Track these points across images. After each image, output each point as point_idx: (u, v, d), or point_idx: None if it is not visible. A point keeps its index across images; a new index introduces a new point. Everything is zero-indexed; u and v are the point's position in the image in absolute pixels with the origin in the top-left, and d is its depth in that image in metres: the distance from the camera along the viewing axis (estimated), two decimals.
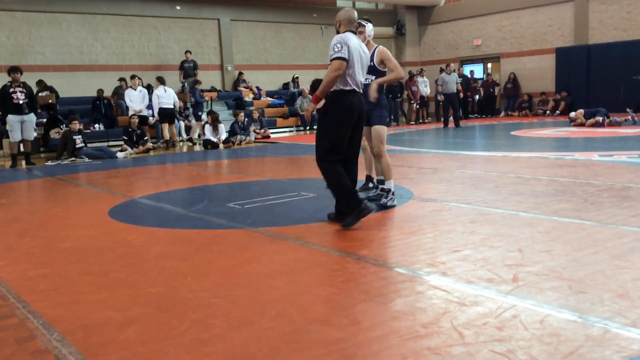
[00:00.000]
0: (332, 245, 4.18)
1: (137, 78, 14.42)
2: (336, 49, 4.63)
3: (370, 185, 6.41)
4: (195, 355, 2.47)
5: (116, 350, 2.55)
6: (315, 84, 6.62)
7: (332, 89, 4.71)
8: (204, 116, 15.21)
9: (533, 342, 2.43)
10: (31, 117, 11.01)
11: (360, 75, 4.81)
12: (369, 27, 5.56)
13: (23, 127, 11.00)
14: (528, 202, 5.35)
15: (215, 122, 13.59)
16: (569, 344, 2.41)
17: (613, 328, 2.54)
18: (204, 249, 4.31)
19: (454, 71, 17.05)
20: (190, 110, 16.22)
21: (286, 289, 3.30)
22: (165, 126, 14.09)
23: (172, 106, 14.08)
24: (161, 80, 14.18)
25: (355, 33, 4.89)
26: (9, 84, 10.80)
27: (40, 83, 14.27)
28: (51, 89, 14.38)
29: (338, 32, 4.85)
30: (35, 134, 12.98)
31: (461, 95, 17.47)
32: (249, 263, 3.85)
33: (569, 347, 2.38)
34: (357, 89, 4.78)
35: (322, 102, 4.85)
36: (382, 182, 5.67)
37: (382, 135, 5.53)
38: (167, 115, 13.97)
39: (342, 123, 4.74)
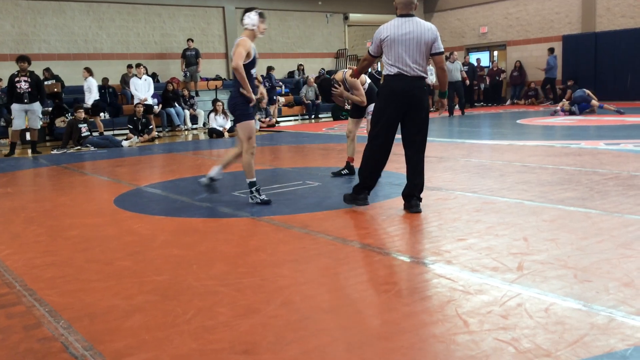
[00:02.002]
0: (337, 234, 4.19)
1: (142, 66, 14.41)
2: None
3: (344, 172, 6.74)
4: (200, 343, 2.48)
5: (122, 338, 2.57)
6: (323, 83, 6.62)
7: (384, 74, 4.85)
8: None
9: (538, 331, 2.43)
10: (34, 107, 10.99)
11: (409, 59, 4.69)
12: (247, 18, 5.28)
13: (28, 116, 11.03)
14: (533, 191, 5.33)
15: (222, 110, 13.59)
16: (574, 332, 2.41)
17: (618, 316, 2.54)
18: (210, 238, 4.32)
19: (457, 60, 17.00)
20: (195, 98, 16.20)
21: (291, 277, 3.31)
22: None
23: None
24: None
25: (411, 16, 4.76)
26: (16, 72, 10.84)
27: (47, 71, 14.28)
28: (57, 78, 14.41)
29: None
30: (41, 123, 13.01)
31: (467, 83, 17.36)
32: (254, 251, 3.86)
33: (574, 336, 2.38)
34: (404, 73, 4.70)
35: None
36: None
37: (247, 131, 5.38)
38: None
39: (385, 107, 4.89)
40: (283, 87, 18.32)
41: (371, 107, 6.16)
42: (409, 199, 4.79)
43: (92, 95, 13.62)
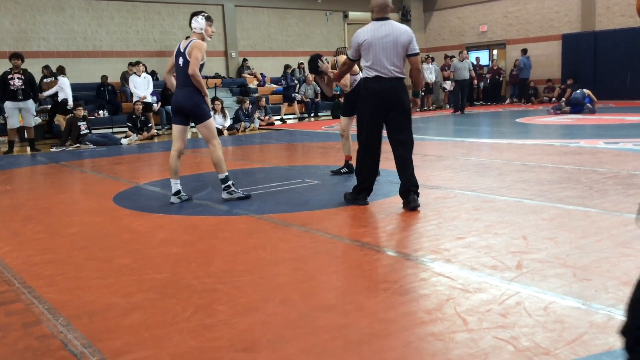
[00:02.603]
0: (336, 232, 4.19)
1: (141, 64, 14.39)
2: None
3: (343, 170, 6.76)
4: (199, 341, 2.48)
5: (121, 335, 2.57)
6: (313, 57, 6.61)
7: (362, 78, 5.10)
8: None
9: (537, 329, 2.43)
10: (28, 104, 10.95)
11: (386, 61, 4.81)
12: (194, 22, 5.37)
13: (22, 114, 10.99)
14: (533, 190, 5.34)
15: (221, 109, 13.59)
16: (573, 330, 2.41)
17: (617, 315, 2.54)
18: (209, 236, 4.32)
19: (467, 59, 16.97)
20: None
21: (290, 275, 3.31)
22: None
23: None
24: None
25: (386, 19, 4.87)
26: (9, 70, 10.79)
27: (46, 69, 14.26)
28: (55, 76, 14.35)
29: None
30: (39, 120, 12.97)
31: (475, 82, 17.29)
32: (253, 249, 3.86)
33: (573, 334, 2.38)
34: (382, 75, 4.82)
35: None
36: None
37: (211, 129, 5.50)
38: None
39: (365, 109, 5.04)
40: (298, 85, 18.23)
41: None
42: (406, 195, 4.82)
43: (65, 93, 13.27)
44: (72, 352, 2.43)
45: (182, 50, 5.33)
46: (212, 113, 5.53)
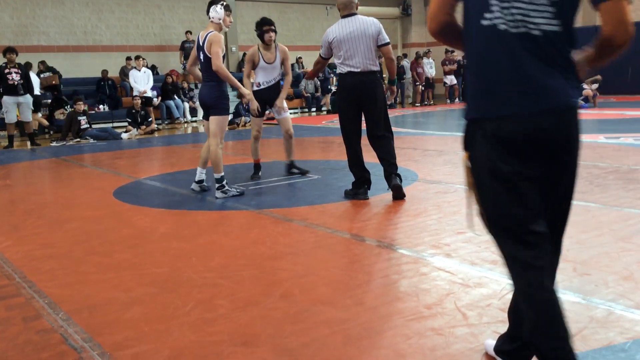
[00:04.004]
0: (336, 227, 4.19)
1: (141, 59, 14.36)
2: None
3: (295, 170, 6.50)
4: (200, 335, 2.48)
5: (121, 330, 2.57)
6: (262, 22, 6.41)
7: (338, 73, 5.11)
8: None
9: None
10: (27, 99, 10.94)
11: (357, 55, 4.90)
12: (213, 11, 5.30)
13: (20, 109, 10.96)
14: None
15: None
16: (573, 325, 2.40)
17: (617, 310, 2.54)
18: (209, 230, 4.32)
19: None
20: (195, 91, 16.15)
21: (291, 270, 3.31)
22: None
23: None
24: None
25: (353, 14, 4.98)
26: (4, 64, 10.75)
27: (42, 64, 14.23)
28: (52, 70, 14.33)
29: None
30: (40, 115, 12.93)
31: None
32: (253, 244, 3.86)
33: (573, 329, 2.36)
34: (354, 70, 4.92)
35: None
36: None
37: (222, 126, 5.53)
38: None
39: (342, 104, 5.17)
40: (334, 78, 18.08)
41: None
42: (389, 180, 4.97)
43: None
44: (73, 346, 2.43)
45: (201, 44, 5.29)
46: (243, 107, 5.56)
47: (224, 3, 5.29)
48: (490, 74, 1.71)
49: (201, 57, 5.32)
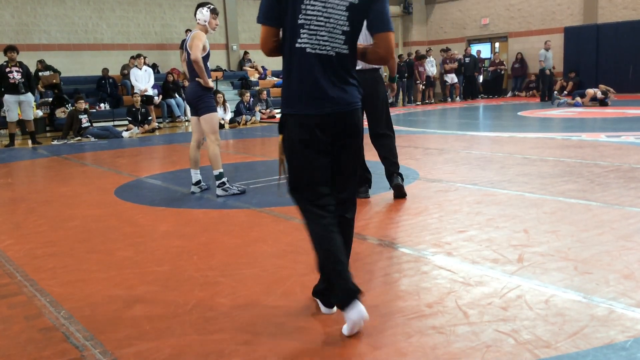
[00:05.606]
0: None
1: (142, 57, 14.36)
2: None
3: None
4: (201, 333, 2.49)
5: (123, 328, 2.58)
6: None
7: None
8: None
9: (538, 322, 2.44)
10: (28, 97, 10.94)
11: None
12: (199, 13, 5.33)
13: (21, 107, 10.96)
14: (534, 183, 5.33)
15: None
16: (574, 324, 2.42)
17: (618, 308, 2.54)
18: (210, 229, 4.33)
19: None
20: None
21: (292, 268, 3.31)
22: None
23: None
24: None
25: None
26: (5, 63, 10.74)
27: (40, 63, 14.23)
28: (51, 69, 14.31)
29: None
30: (40, 114, 12.93)
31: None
32: (255, 242, 3.87)
33: (574, 327, 2.38)
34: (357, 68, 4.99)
35: None
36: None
37: (212, 123, 5.47)
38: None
39: None
40: None
41: None
42: (391, 179, 5.02)
43: None
44: (74, 344, 2.44)
45: (186, 44, 5.39)
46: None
47: (211, 6, 5.40)
48: (297, 83, 2.39)
49: (186, 56, 5.41)
